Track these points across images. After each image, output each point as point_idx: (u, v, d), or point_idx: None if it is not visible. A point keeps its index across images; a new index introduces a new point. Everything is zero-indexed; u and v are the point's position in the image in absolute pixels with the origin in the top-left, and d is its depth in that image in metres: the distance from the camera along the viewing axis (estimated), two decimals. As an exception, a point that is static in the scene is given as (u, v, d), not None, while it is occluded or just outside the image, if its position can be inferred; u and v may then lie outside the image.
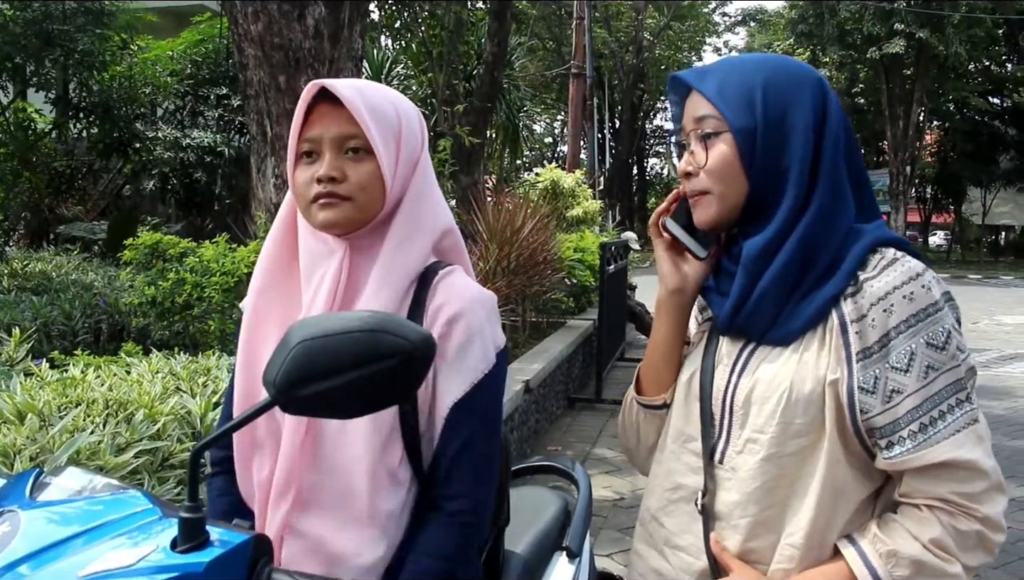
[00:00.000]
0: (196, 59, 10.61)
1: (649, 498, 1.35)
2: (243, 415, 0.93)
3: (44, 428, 2.15)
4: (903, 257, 1.15)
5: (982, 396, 6.94)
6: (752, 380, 1.19)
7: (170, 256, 4.88)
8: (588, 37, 19.08)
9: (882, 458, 1.13)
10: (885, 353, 1.11)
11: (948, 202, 38.57)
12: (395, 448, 1.23)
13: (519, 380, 4.96)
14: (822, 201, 1.17)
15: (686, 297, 1.30)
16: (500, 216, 6.69)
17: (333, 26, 3.86)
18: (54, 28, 8.62)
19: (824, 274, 1.16)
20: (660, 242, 1.31)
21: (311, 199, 1.24)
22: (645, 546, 1.34)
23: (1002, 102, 35.02)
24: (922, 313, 1.11)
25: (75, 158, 10.55)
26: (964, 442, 1.10)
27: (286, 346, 0.90)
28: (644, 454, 1.41)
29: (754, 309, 1.19)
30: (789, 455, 1.15)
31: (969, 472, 1.10)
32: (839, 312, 1.14)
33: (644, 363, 1.37)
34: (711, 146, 1.19)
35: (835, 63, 31.15)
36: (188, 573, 0.82)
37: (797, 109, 1.18)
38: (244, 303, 1.37)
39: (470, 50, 10.71)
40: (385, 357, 0.90)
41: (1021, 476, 5.13)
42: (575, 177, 13.31)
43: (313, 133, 1.24)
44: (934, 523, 1.10)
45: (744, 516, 1.18)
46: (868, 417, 1.12)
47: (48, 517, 0.92)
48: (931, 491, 1.11)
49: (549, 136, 42.71)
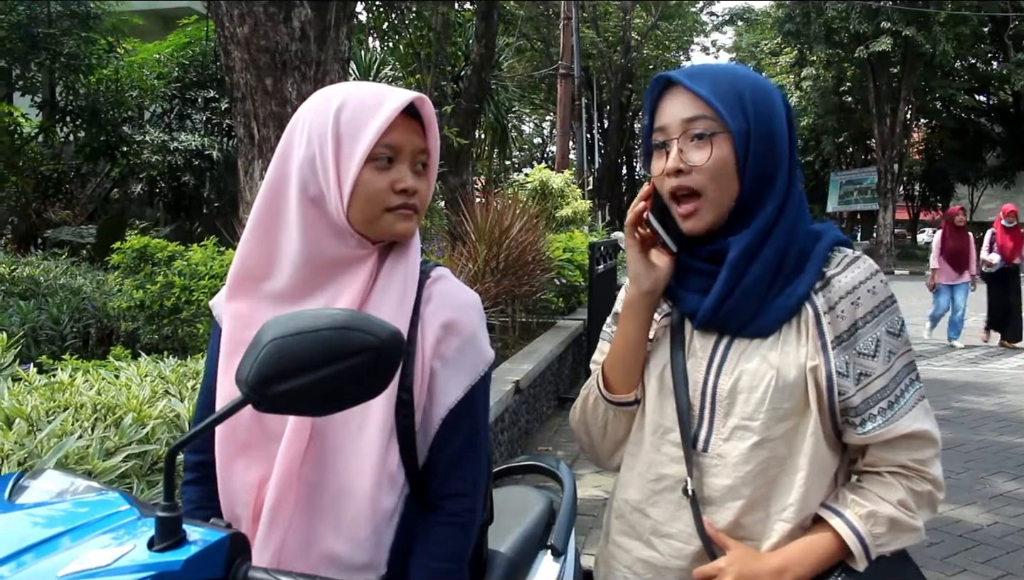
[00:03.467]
0: (183, 62, 10.58)
1: (628, 491, 1.39)
2: (217, 414, 0.94)
3: (32, 433, 2.14)
4: (862, 256, 1.30)
5: (970, 392, 7.00)
6: (736, 372, 1.27)
7: (158, 260, 4.87)
8: (576, 37, 19.09)
9: (855, 433, 1.27)
10: (853, 341, 1.25)
11: (936, 199, 38.72)
12: (393, 449, 1.25)
13: (509, 381, 4.97)
14: (794, 204, 1.27)
15: (656, 296, 1.35)
16: (489, 217, 6.69)
17: (319, 28, 3.86)
18: (40, 31, 8.59)
19: (794, 271, 1.27)
20: (633, 243, 1.35)
21: (389, 207, 1.24)
22: (627, 539, 1.38)
23: (988, 99, 35.18)
24: (882, 305, 1.27)
25: (62, 162, 10.51)
26: (919, 415, 1.27)
27: (257, 345, 0.92)
28: (609, 448, 1.46)
29: (737, 305, 1.26)
30: (778, 438, 1.25)
31: (923, 441, 1.27)
32: (812, 304, 1.26)
33: (610, 361, 1.40)
34: (710, 145, 1.24)
35: (822, 62, 31.24)
36: (165, 572, 0.83)
37: (775, 117, 1.26)
38: (216, 303, 1.35)
39: (458, 51, 10.72)
40: (355, 354, 0.92)
41: (1009, 471, 5.17)
42: (564, 177, 13.33)
43: (392, 141, 1.24)
44: (897, 487, 1.26)
45: (737, 498, 1.26)
46: (844, 398, 1.25)
47: (27, 519, 0.93)
48: (892, 459, 1.27)
49: (538, 137, 42.76)
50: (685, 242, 1.32)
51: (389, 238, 1.27)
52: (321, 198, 1.23)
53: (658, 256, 1.34)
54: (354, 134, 1.22)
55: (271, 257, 1.27)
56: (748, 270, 1.25)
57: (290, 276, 1.25)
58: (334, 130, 1.22)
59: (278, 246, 1.26)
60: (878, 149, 30.79)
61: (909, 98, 29.67)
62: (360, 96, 1.25)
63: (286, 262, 1.26)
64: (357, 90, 1.27)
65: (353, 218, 1.23)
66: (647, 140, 1.33)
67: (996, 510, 4.49)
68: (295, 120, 1.29)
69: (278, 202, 1.26)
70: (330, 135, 1.22)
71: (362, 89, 1.27)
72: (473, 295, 1.33)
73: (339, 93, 1.27)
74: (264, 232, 1.27)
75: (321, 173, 1.23)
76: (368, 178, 1.22)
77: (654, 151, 1.31)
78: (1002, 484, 4.92)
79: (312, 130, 1.24)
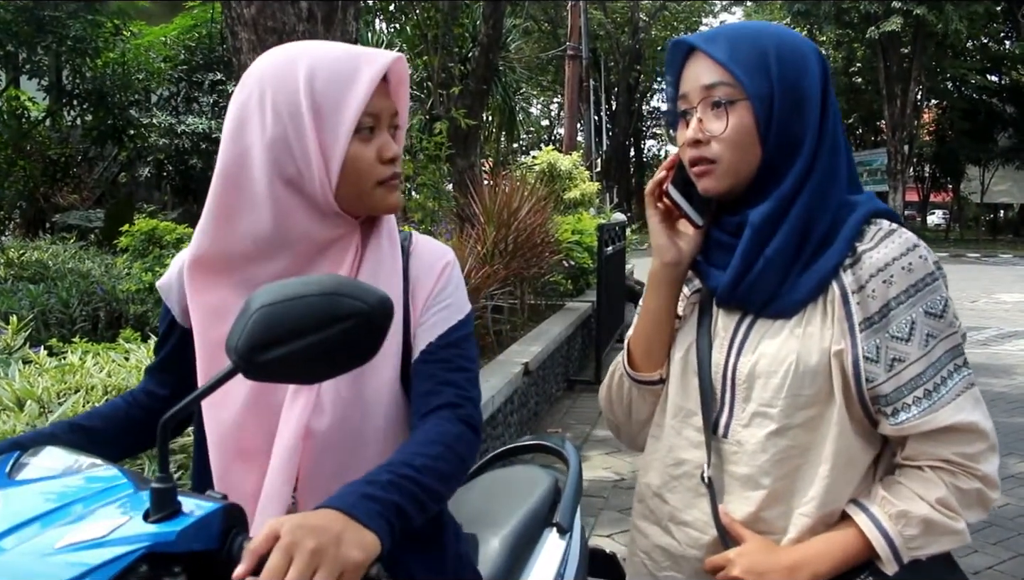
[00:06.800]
0: (189, 44, 10.55)
1: (648, 474, 1.34)
2: (207, 384, 0.92)
3: (43, 414, 2.15)
4: (899, 229, 1.17)
5: (981, 374, 6.98)
6: (755, 354, 1.19)
7: (166, 242, 4.88)
8: (584, 18, 18.97)
9: (888, 424, 1.15)
10: (885, 323, 1.13)
11: (946, 181, 38.50)
12: (403, 403, 1.23)
13: (518, 362, 4.96)
14: (823, 171, 1.17)
15: (681, 269, 1.29)
16: (497, 199, 6.66)
17: (327, 9, 3.83)
18: (46, 15, 8.55)
19: (821, 245, 1.17)
20: (655, 213, 1.29)
21: (380, 180, 1.18)
22: (647, 523, 1.34)
23: (1000, 79, 34.88)
24: (920, 283, 1.13)
25: (70, 146, 10.51)
26: (964, 406, 1.13)
27: (246, 312, 0.90)
28: (635, 429, 1.40)
29: (757, 279, 1.18)
30: (798, 426, 1.16)
31: (970, 434, 1.13)
32: (839, 283, 1.15)
33: (634, 337, 1.35)
34: (726, 114, 1.16)
35: (832, 42, 31.01)
36: (159, 542, 0.83)
37: (806, 77, 1.17)
38: (165, 287, 1.29)
39: (465, 32, 10.64)
40: (343, 319, 0.91)
41: (1021, 452, 5.16)
42: (572, 159, 13.26)
43: (373, 108, 1.16)
44: (938, 483, 1.13)
45: (756, 488, 1.18)
46: (873, 385, 1.14)
47: (25, 495, 0.93)
48: (934, 453, 1.14)
49: (546, 118, 42.61)
50: (714, 216, 1.25)
51: (377, 213, 1.23)
52: (299, 179, 1.14)
53: (684, 228, 1.28)
54: (335, 106, 1.12)
55: (240, 247, 1.17)
56: (769, 241, 1.16)
57: (267, 264, 1.17)
58: (309, 103, 1.12)
59: (244, 236, 1.16)
60: (888, 130, 30.57)
61: (920, 78, 29.42)
62: (330, 60, 1.14)
63: (258, 251, 1.17)
64: (322, 52, 1.15)
65: (340, 196, 1.16)
66: (672, 108, 1.26)
67: (1008, 491, 4.47)
68: (247, 92, 1.16)
69: (240, 187, 1.15)
70: (305, 108, 1.11)
71: (328, 51, 1.16)
72: (448, 249, 1.33)
73: (301, 57, 1.15)
74: (224, 220, 1.16)
75: (298, 152, 1.13)
76: (356, 152, 1.15)
77: (679, 120, 1.24)
78: (1014, 466, 4.90)
79: (278, 104, 1.13)
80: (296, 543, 0.86)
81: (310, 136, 1.12)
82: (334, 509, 0.93)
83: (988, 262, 24.30)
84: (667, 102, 1.30)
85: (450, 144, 6.91)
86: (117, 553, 0.81)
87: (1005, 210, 42.59)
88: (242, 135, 1.15)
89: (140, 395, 1.36)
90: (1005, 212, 42.83)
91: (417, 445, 1.10)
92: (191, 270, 1.21)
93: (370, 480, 1.01)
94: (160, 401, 1.33)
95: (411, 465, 1.05)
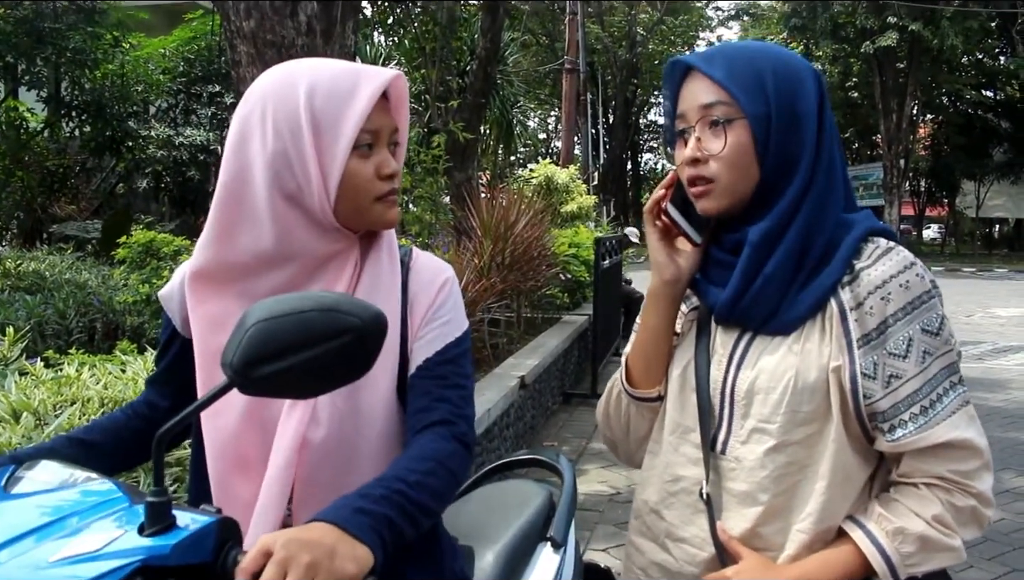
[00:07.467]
0: (188, 57, 10.60)
1: (645, 491, 1.34)
2: (202, 399, 0.93)
3: (40, 426, 2.14)
4: (896, 247, 1.18)
5: (976, 388, 6.99)
6: (754, 371, 1.19)
7: (164, 254, 4.88)
8: (581, 32, 19.06)
9: (884, 441, 1.16)
10: (883, 340, 1.14)
11: (942, 195, 38.60)
12: (398, 417, 1.23)
13: (514, 376, 4.96)
14: (820, 189, 1.18)
15: (680, 286, 1.29)
16: (494, 212, 6.67)
17: (326, 22, 3.85)
18: (45, 26, 8.60)
19: (819, 263, 1.17)
20: (654, 231, 1.30)
21: (378, 196, 1.19)
22: (643, 539, 1.33)
23: (995, 95, 35.07)
24: (917, 301, 1.14)
25: (68, 157, 10.53)
26: (959, 423, 1.14)
27: (242, 327, 0.91)
28: (633, 446, 1.40)
29: (756, 297, 1.18)
30: (796, 443, 1.16)
31: (965, 451, 1.14)
32: (838, 300, 1.16)
33: (632, 354, 1.35)
34: (724, 133, 1.17)
35: (828, 57, 31.13)
36: (154, 555, 0.83)
37: (802, 97, 1.18)
38: (167, 297, 1.30)
39: (463, 46, 10.69)
40: (338, 335, 0.92)
41: (1016, 467, 5.16)
42: (569, 173, 13.29)
43: (372, 124, 1.17)
44: (934, 500, 1.14)
45: (754, 505, 1.18)
46: (871, 402, 1.15)
47: (20, 508, 0.93)
48: (929, 470, 1.14)
49: (543, 132, 42.72)
50: (713, 233, 1.26)
51: (375, 228, 1.24)
52: (299, 194, 1.15)
53: (683, 245, 1.29)
54: (333, 122, 1.14)
55: (241, 260, 1.19)
56: (768, 259, 1.17)
57: (268, 276, 1.18)
58: (309, 118, 1.13)
59: (245, 249, 1.17)
60: (884, 144, 30.70)
61: (915, 93, 29.58)
62: (329, 77, 1.16)
63: (259, 264, 1.18)
64: (323, 69, 1.17)
65: (339, 211, 1.17)
66: (670, 127, 1.27)
67: (1003, 506, 4.47)
68: (248, 108, 1.18)
69: (241, 201, 1.16)
70: (304, 124, 1.13)
71: (328, 68, 1.18)
72: (448, 265, 1.34)
73: (302, 74, 1.16)
74: (226, 234, 1.18)
75: (298, 167, 1.14)
76: (354, 167, 1.16)
77: (677, 139, 1.25)
78: (1009, 480, 4.90)
79: (279, 120, 1.14)
80: (291, 557, 0.87)
81: (309, 152, 1.14)
82: (327, 523, 0.94)
83: (983, 276, 24.36)
84: (665, 119, 1.31)
85: (448, 157, 6.93)
86: (111, 567, 0.81)
87: (1000, 225, 42.69)
88: (244, 150, 1.17)
89: (140, 407, 1.37)
90: (1000, 227, 42.94)
91: (410, 461, 1.11)
92: (192, 281, 1.23)
93: (363, 494, 1.01)
94: (161, 412, 1.34)
95: (404, 480, 1.06)
